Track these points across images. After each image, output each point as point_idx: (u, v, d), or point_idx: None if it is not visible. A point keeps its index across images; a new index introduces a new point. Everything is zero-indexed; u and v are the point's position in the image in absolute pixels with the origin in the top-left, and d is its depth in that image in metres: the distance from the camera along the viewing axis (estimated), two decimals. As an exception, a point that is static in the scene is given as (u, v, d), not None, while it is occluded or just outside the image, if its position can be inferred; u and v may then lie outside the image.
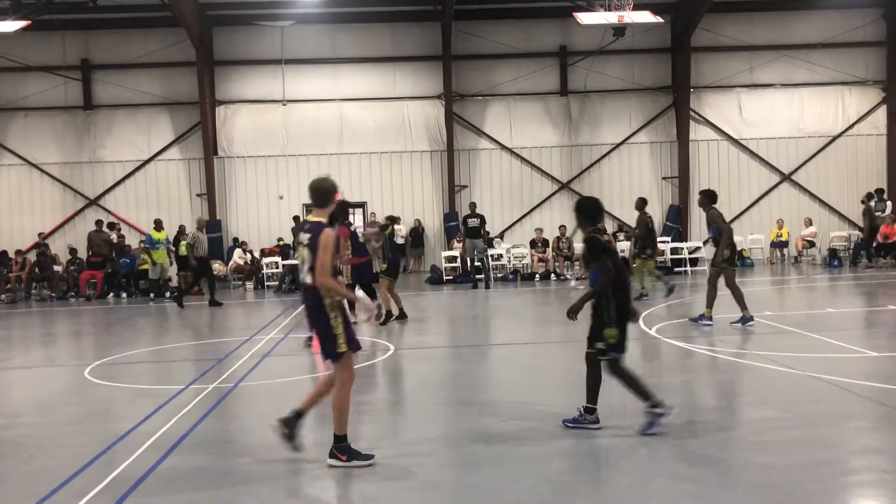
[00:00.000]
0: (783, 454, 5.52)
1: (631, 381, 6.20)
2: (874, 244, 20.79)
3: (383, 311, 12.67)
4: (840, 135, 24.51)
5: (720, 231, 11.17)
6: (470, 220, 19.10)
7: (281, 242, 22.39)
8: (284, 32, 23.44)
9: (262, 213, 23.88)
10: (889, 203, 22.22)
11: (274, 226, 23.57)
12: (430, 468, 5.62)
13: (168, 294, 18.63)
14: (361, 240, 12.48)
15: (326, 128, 23.88)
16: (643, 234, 14.77)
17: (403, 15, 23.73)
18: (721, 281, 11.27)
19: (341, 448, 5.62)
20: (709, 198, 11.32)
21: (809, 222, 22.73)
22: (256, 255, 21.95)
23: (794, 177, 24.47)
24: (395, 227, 23.19)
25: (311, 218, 5.84)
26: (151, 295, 18.55)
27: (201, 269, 16.96)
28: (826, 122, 24.53)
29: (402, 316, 12.95)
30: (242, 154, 23.91)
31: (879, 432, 6.06)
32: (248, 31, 23.50)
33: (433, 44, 23.73)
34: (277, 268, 20.81)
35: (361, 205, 24.12)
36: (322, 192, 5.91)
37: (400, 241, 23.53)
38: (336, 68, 23.94)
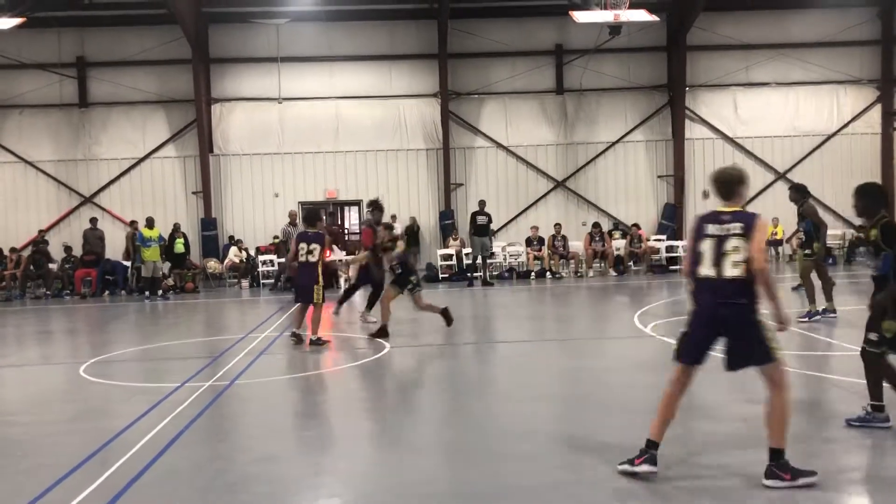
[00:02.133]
0: (759, 450, 5.52)
1: (884, 378, 5.87)
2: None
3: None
4: (835, 133, 24.58)
5: (816, 225, 11.49)
6: (479, 217, 19.14)
7: (276, 240, 22.34)
8: (280, 30, 23.41)
9: (258, 211, 23.85)
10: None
11: (269, 224, 23.54)
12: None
13: (161, 292, 18.59)
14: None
15: (322, 126, 23.86)
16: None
17: (400, 13, 23.72)
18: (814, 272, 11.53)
19: (782, 465, 4.88)
20: (801, 192, 11.79)
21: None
22: (252, 253, 21.92)
23: (789, 175, 24.49)
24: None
25: (725, 209, 5.30)
26: (146, 293, 18.52)
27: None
28: (821, 120, 24.59)
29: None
30: (238, 152, 23.88)
31: (877, 432, 6.06)
32: (244, 29, 23.46)
33: (429, 42, 23.71)
34: (273, 266, 20.79)
35: (357, 203, 24.13)
36: (728, 182, 5.45)
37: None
38: (332, 66, 23.92)
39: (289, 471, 5.60)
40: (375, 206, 13.00)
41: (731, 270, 4.83)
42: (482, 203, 19.93)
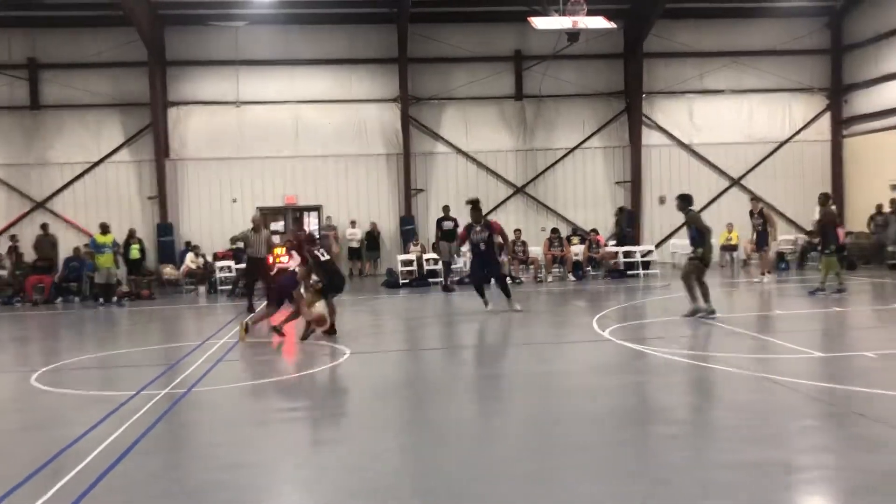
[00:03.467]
0: (733, 453, 5.64)
1: None
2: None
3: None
4: (787, 141, 25.14)
5: (700, 232, 12.22)
6: (445, 222, 19.17)
7: (235, 246, 22.08)
8: (239, 33, 23.20)
9: (216, 217, 23.55)
10: (834, 207, 22.80)
11: (227, 229, 23.21)
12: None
13: (116, 299, 18.25)
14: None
15: (281, 130, 23.68)
16: (829, 231, 14.85)
17: (359, 17, 23.68)
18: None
19: None
20: (686, 201, 12.47)
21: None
22: (209, 259, 21.65)
23: (742, 181, 25.01)
24: (352, 230, 23.25)
25: None
26: (100, 300, 18.17)
27: (255, 271, 16.09)
28: (773, 128, 25.14)
29: (308, 334, 11.76)
30: (195, 156, 23.57)
31: (825, 431, 6.22)
32: (202, 32, 23.19)
33: (389, 46, 23.70)
34: (231, 272, 20.55)
35: (317, 208, 23.99)
36: None
37: (355, 244, 23.48)
38: (291, 70, 23.76)
39: (249, 479, 5.53)
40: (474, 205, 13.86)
41: None
42: (447, 208, 19.95)
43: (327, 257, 12.07)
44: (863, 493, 4.83)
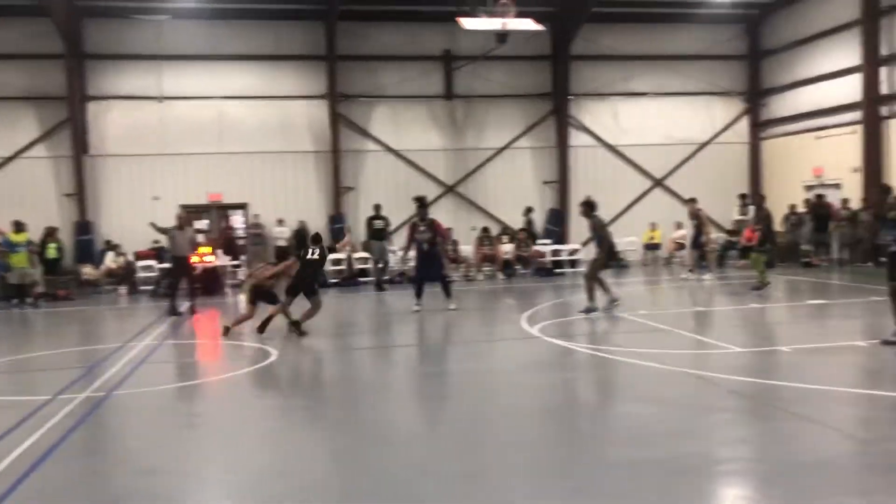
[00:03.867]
0: (655, 447, 5.78)
1: None
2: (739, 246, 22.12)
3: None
4: (707, 142, 25.91)
5: (601, 237, 12.80)
6: (375, 221, 19.05)
7: (158, 245, 21.51)
8: (162, 27, 22.57)
9: (137, 215, 22.74)
10: (752, 208, 23.65)
11: (149, 228, 22.59)
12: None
13: (31, 300, 17.54)
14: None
15: (206, 126, 23.14)
16: (765, 229, 15.18)
17: (286, 13, 23.33)
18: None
19: None
20: (590, 206, 12.98)
21: (679, 225, 23.86)
22: (131, 258, 21.00)
23: (665, 182, 25.66)
24: (280, 228, 22.91)
25: None
26: (14, 301, 17.43)
27: (179, 270, 15.69)
28: (695, 130, 25.87)
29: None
30: (115, 153, 22.81)
31: (743, 423, 6.44)
32: (123, 25, 22.44)
33: (317, 43, 23.44)
34: (153, 272, 19.99)
35: (243, 206, 23.55)
36: None
37: (283, 243, 23.14)
38: (216, 65, 23.25)
39: (173, 483, 5.39)
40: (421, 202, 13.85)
41: None
42: (377, 207, 19.81)
43: (315, 257, 11.76)
44: (779, 483, 5.01)
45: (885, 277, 9.13)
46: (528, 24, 19.48)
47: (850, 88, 21.57)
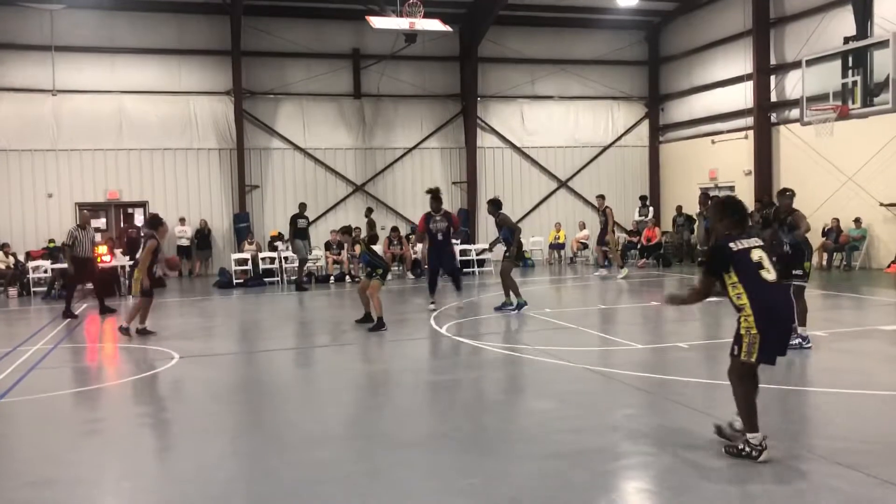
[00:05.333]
0: (561, 443, 5.91)
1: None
2: (639, 246, 22.89)
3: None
4: (610, 145, 26.69)
5: (511, 231, 13.05)
6: (300, 220, 18.79)
7: (51, 244, 20.54)
8: (55, 16, 21.55)
9: (29, 213, 21.78)
10: (651, 209, 24.50)
11: (42, 226, 21.61)
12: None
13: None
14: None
15: (103, 121, 22.25)
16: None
17: (190, 6, 22.69)
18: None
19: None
20: (496, 205, 13.37)
21: (583, 226, 24.50)
22: (21, 258, 19.98)
23: (570, 183, 26.29)
24: (181, 227, 22.25)
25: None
26: None
27: (82, 271, 14.84)
28: (598, 133, 26.61)
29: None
30: (5, 147, 21.65)
31: (645, 417, 6.65)
32: (11, 13, 21.30)
33: (221, 38, 22.89)
34: (46, 272, 19.07)
35: (143, 204, 22.77)
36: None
37: (185, 243, 22.52)
38: (114, 58, 22.38)
39: (64, 495, 5.16)
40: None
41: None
42: (303, 206, 19.53)
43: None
44: (674, 474, 5.20)
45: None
46: (436, 25, 19.58)
47: (742, 95, 22.65)
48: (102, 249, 18.55)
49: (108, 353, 11.24)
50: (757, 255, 5.37)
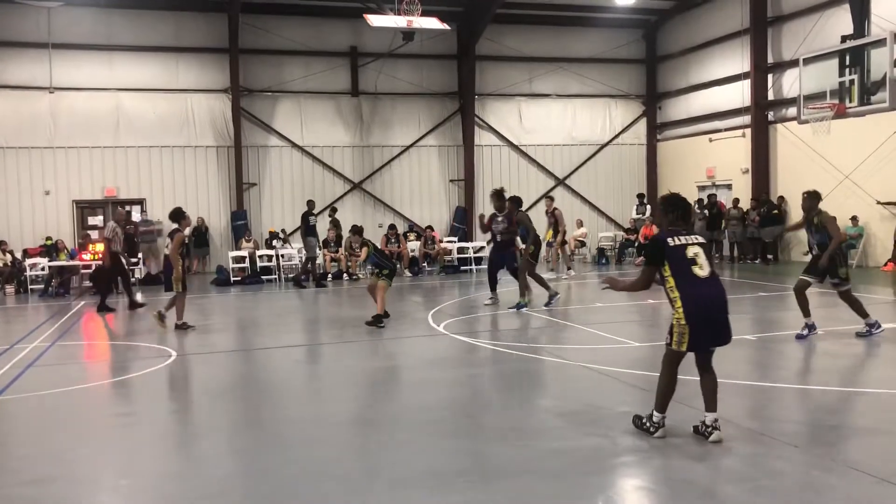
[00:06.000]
0: (561, 440, 5.92)
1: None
2: (637, 244, 22.93)
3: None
4: (607, 143, 26.71)
5: (527, 230, 13.39)
6: (311, 217, 18.88)
7: (48, 242, 20.51)
8: (52, 13, 21.50)
9: (26, 210, 21.76)
10: (649, 207, 24.53)
11: (39, 224, 21.58)
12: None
13: None
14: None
15: (101, 119, 22.22)
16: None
17: (187, 4, 22.66)
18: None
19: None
20: (517, 203, 13.69)
21: (581, 223, 24.51)
22: (19, 256, 19.95)
23: (567, 181, 26.30)
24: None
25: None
26: None
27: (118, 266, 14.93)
28: (595, 131, 26.63)
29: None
30: (2, 145, 21.62)
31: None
32: (8, 10, 21.25)
33: (219, 35, 22.87)
34: (43, 270, 19.05)
35: (140, 202, 22.75)
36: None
37: (183, 240, 22.46)
38: (112, 55, 22.35)
39: (66, 493, 5.16)
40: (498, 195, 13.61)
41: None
42: (311, 203, 19.53)
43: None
44: (679, 470, 5.23)
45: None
46: (434, 23, 19.58)
47: (740, 94, 22.66)
48: (99, 247, 18.55)
49: (106, 350, 11.25)
50: (692, 251, 5.67)
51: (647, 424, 5.84)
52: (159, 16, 22.54)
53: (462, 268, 21.71)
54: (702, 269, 5.64)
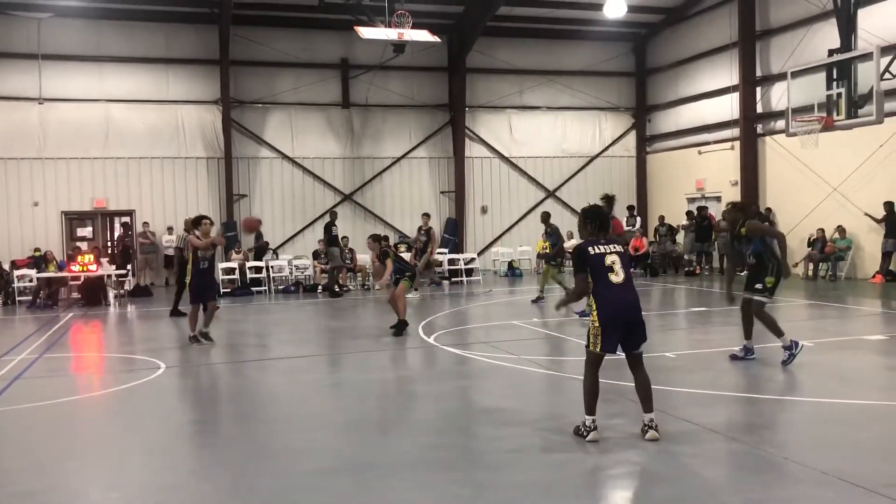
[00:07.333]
0: (548, 451, 5.91)
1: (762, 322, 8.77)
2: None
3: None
4: (597, 156, 26.82)
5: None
6: (333, 227, 19.21)
7: (37, 253, 20.39)
8: (42, 25, 21.47)
9: (14, 221, 21.64)
10: (639, 219, 24.60)
11: (28, 235, 21.47)
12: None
13: None
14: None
15: (90, 130, 22.17)
16: (558, 243, 15.51)
17: (177, 15, 22.66)
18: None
19: None
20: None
21: (571, 235, 24.53)
22: (6, 266, 19.83)
23: (557, 193, 26.37)
24: (169, 236, 22.16)
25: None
26: None
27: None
28: (585, 143, 26.74)
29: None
30: (-10, 155, 21.54)
31: (619, 426, 6.63)
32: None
33: (210, 47, 22.88)
34: (31, 281, 18.94)
35: (130, 213, 22.67)
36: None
37: (171, 252, 22.43)
38: (102, 67, 22.32)
39: (50, 505, 5.11)
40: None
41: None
42: (334, 214, 20.14)
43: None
44: (649, 478, 5.24)
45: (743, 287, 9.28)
46: (425, 36, 19.64)
47: (728, 106, 22.81)
48: (88, 258, 18.49)
49: (94, 362, 11.17)
50: (610, 259, 6.01)
51: (582, 430, 6.07)
52: (149, 27, 22.54)
53: (453, 279, 21.69)
54: (617, 276, 5.99)
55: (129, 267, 20.69)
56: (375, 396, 8.30)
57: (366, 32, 19.51)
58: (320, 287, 19.93)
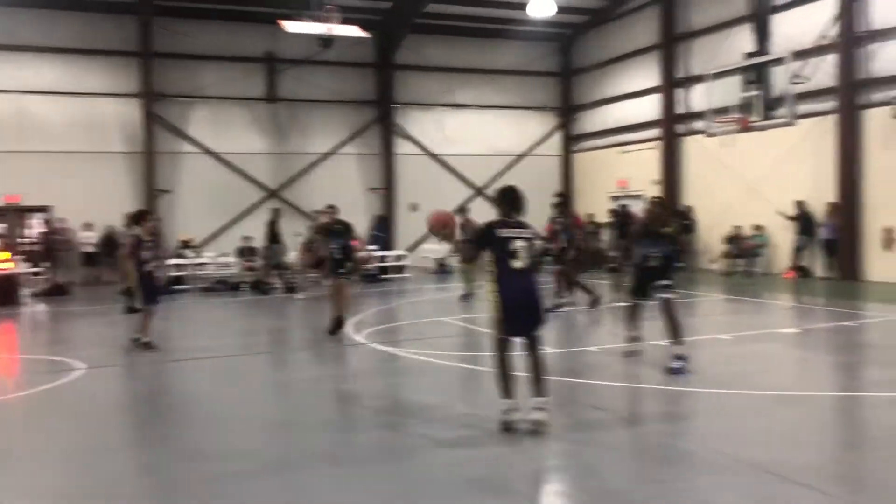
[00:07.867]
0: (481, 447, 5.97)
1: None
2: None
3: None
4: (524, 154, 27.13)
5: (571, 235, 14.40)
6: (275, 224, 18.93)
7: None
8: (-52, 10, 20.47)
9: (-81, 217, 20.57)
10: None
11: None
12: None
13: None
14: None
15: (3, 122, 21.24)
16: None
17: (97, 5, 21.90)
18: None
19: None
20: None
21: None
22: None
23: (486, 191, 26.55)
24: (87, 233, 21.42)
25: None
26: None
27: None
28: (513, 142, 27.02)
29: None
30: None
31: (555, 419, 6.76)
32: None
33: (130, 38, 22.20)
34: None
35: (45, 209, 21.82)
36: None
37: (90, 249, 21.73)
38: (15, 56, 21.38)
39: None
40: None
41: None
42: (276, 211, 19.87)
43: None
44: (586, 470, 5.35)
45: (629, 291, 9.12)
46: (354, 31, 19.53)
47: (651, 107, 23.40)
48: (3, 255, 17.73)
49: (6, 364, 10.73)
50: (517, 244, 6.15)
51: (503, 417, 6.15)
52: (67, 16, 21.71)
53: (382, 276, 21.63)
54: (519, 262, 6.09)
55: (48, 264, 19.94)
56: (305, 396, 8.22)
57: (290, 26, 19.29)
58: (248, 286, 19.58)
